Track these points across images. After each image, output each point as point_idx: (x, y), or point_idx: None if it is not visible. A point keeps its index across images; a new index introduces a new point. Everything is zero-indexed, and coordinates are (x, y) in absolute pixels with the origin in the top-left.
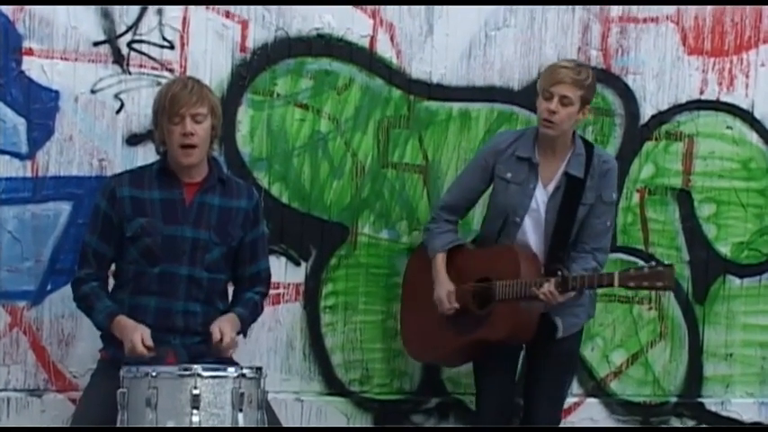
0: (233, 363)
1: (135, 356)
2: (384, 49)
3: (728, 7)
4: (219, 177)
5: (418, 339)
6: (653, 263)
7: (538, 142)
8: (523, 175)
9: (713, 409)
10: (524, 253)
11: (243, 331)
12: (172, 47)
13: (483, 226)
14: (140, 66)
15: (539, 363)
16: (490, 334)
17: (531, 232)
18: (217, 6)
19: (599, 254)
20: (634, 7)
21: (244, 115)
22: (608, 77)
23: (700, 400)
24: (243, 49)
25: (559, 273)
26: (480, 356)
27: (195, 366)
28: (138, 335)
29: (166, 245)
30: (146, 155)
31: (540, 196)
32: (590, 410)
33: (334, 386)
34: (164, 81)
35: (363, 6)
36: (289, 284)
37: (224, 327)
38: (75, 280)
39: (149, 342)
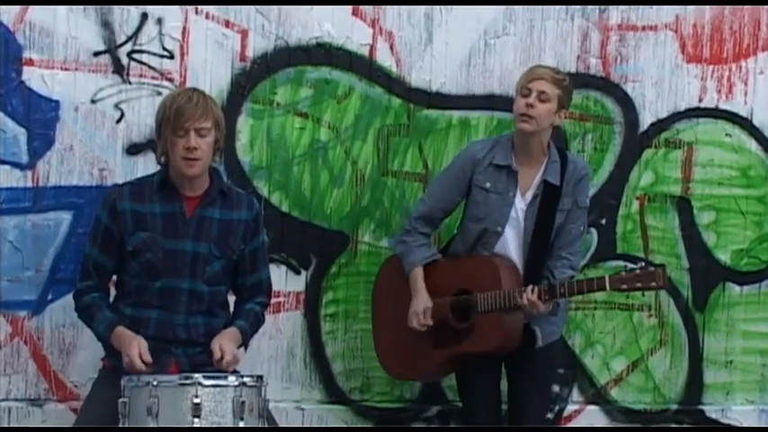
0: (234, 371)
1: (132, 370)
2: (384, 58)
3: (727, 15)
4: (220, 189)
5: (396, 357)
6: (643, 263)
7: (514, 150)
8: (503, 184)
9: (713, 416)
10: (504, 263)
11: (244, 344)
12: (172, 56)
13: (458, 236)
14: (140, 75)
15: (520, 374)
16: (477, 346)
17: (512, 241)
18: (216, 15)
19: (573, 258)
20: (633, 15)
21: (244, 124)
22: (607, 85)
23: (700, 407)
24: (243, 58)
25: (546, 280)
26: (462, 368)
27: (196, 375)
28: (135, 350)
29: (167, 259)
30: (146, 164)
31: (519, 204)
32: (590, 418)
33: (334, 394)
34: (164, 91)
35: (363, 15)
36: (289, 293)
37: (224, 344)
38: (77, 291)
39: (147, 357)
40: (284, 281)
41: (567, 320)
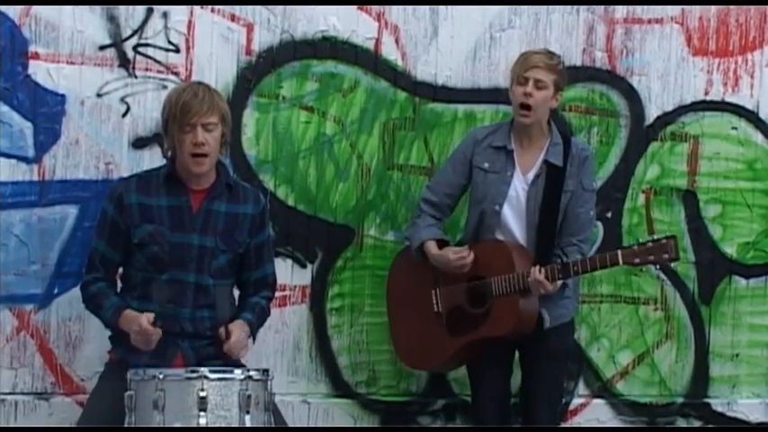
0: (240, 365)
1: (143, 340)
2: (389, 52)
3: (733, 8)
4: (227, 183)
5: (413, 348)
6: (654, 236)
7: (514, 132)
8: (500, 164)
9: (720, 409)
10: (515, 246)
11: (252, 336)
12: (177, 50)
13: (465, 222)
14: (146, 69)
15: (532, 361)
16: (493, 330)
17: (513, 221)
18: (222, 9)
19: (584, 245)
20: (639, 8)
21: (249, 118)
22: (613, 78)
23: (706, 400)
24: (248, 52)
25: (559, 259)
26: (479, 355)
27: (202, 368)
28: (143, 317)
29: (174, 253)
30: (152, 158)
31: (520, 183)
32: (596, 411)
33: (340, 388)
34: (170, 84)
35: (368, 9)
36: (295, 287)
37: (231, 328)
38: (84, 283)
39: (151, 319)
40: (290, 274)
41: (576, 309)
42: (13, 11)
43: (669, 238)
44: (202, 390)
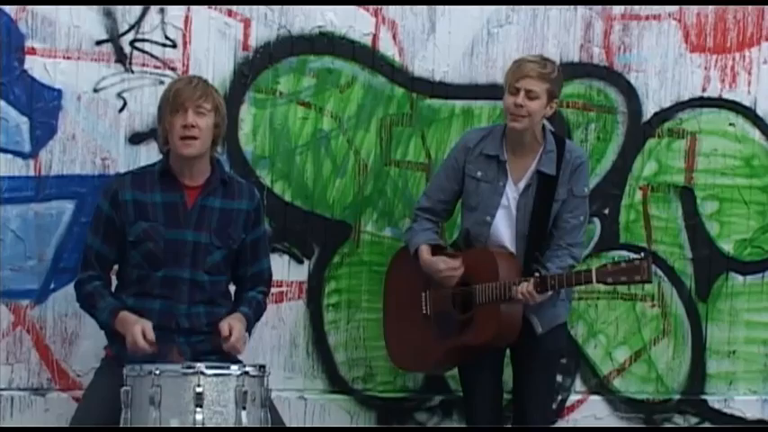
0: (236, 360)
1: (136, 350)
2: (386, 47)
3: (731, 5)
4: (222, 178)
5: (403, 349)
6: (630, 256)
7: (506, 139)
8: (493, 173)
9: (716, 406)
10: (502, 254)
11: (248, 330)
12: (174, 45)
13: (460, 227)
14: (143, 64)
15: (524, 364)
16: (475, 338)
17: (504, 230)
18: (219, 5)
19: (575, 249)
20: (636, 5)
21: (246, 113)
22: (610, 75)
23: (703, 397)
24: (245, 47)
25: (537, 273)
26: (465, 360)
27: (198, 364)
28: (138, 328)
29: (169, 249)
30: (148, 153)
31: (511, 193)
32: (593, 408)
33: (337, 384)
34: (166, 80)
35: (366, 5)
36: (292, 282)
37: (233, 323)
38: (78, 281)
39: (151, 335)
40: (287, 270)
41: (570, 310)
42: (9, 6)
43: (643, 260)
44: (199, 385)
